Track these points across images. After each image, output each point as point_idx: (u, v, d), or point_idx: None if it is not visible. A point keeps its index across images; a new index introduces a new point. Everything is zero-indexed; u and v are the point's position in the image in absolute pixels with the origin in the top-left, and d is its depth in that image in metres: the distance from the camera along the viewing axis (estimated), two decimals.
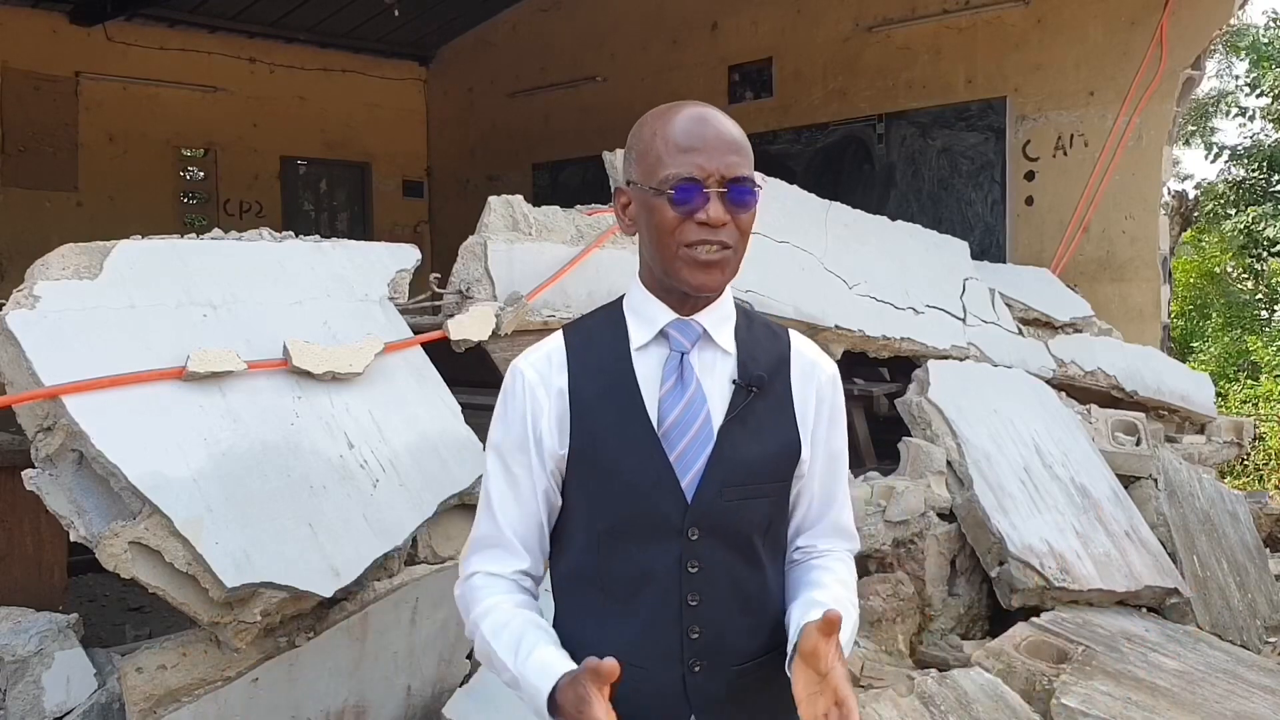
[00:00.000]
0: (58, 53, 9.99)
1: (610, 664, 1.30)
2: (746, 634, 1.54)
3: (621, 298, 1.60)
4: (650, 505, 1.50)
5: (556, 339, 1.58)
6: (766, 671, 1.56)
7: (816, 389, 1.60)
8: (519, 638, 1.47)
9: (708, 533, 1.50)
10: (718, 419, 1.52)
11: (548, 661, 1.43)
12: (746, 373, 1.54)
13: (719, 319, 1.55)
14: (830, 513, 1.65)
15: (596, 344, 1.56)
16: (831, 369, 1.64)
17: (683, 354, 1.53)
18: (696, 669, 1.51)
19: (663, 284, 1.53)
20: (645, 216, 1.50)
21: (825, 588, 1.56)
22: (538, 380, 1.54)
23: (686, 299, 1.52)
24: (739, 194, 1.46)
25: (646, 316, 1.54)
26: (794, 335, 1.64)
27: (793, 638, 1.48)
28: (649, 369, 1.53)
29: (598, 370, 1.54)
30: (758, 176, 1.51)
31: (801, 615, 1.49)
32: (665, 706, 1.50)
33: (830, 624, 1.36)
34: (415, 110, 12.62)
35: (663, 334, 1.53)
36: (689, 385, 1.52)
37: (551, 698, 1.39)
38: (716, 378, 1.54)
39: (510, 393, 1.55)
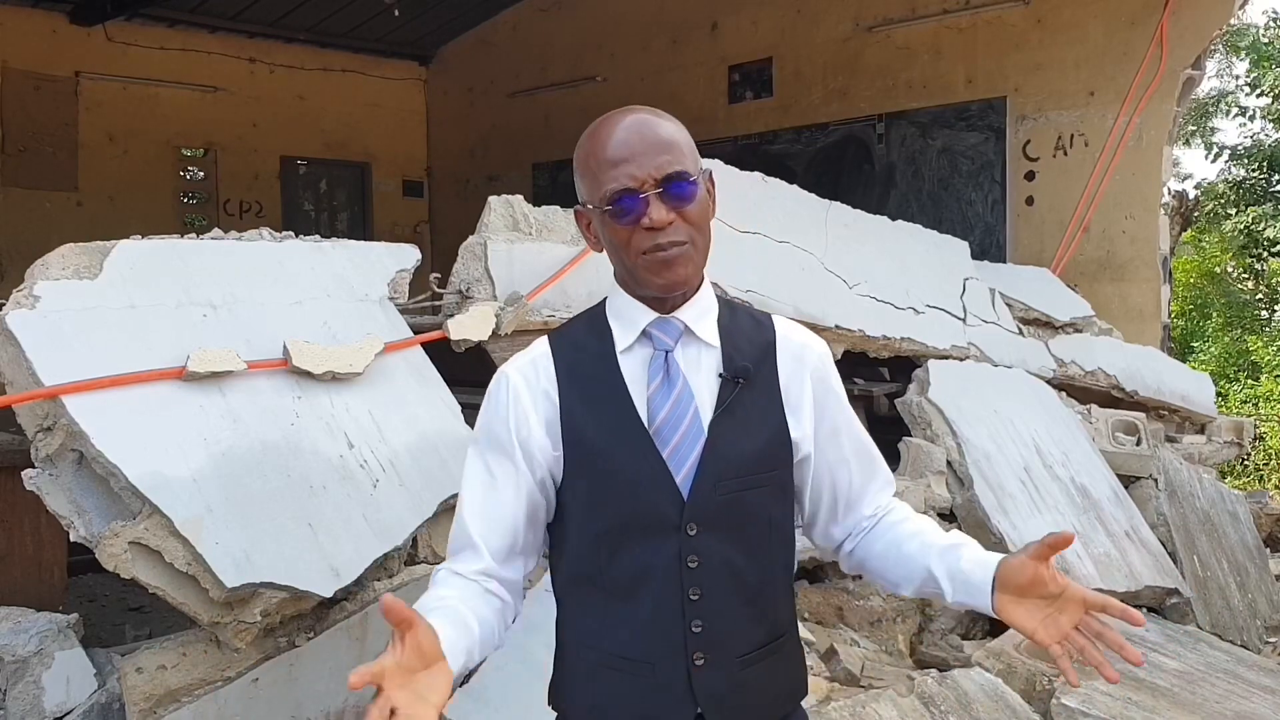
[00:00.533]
0: (58, 53, 9.99)
1: (391, 603, 1.23)
2: (749, 625, 1.55)
3: (603, 302, 1.62)
4: (647, 503, 1.51)
5: (542, 345, 1.60)
6: (770, 661, 1.57)
7: (811, 371, 1.61)
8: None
9: (706, 527, 1.51)
10: (707, 414, 1.53)
11: None
12: (732, 364, 1.55)
13: (699, 313, 1.56)
14: (877, 470, 1.71)
15: (582, 349, 1.58)
16: (821, 347, 1.66)
17: (667, 352, 1.54)
18: (700, 662, 1.51)
19: (636, 291, 1.55)
20: (602, 233, 1.54)
21: (937, 533, 1.62)
22: (523, 385, 1.55)
23: (664, 299, 1.54)
24: (676, 190, 1.48)
25: (628, 319, 1.56)
26: (779, 320, 1.65)
27: (951, 585, 1.54)
28: (635, 369, 1.54)
29: (585, 374, 1.55)
30: (713, 164, 1.53)
31: (948, 562, 1.55)
32: (671, 702, 1.51)
33: (1058, 544, 1.42)
34: (415, 110, 12.62)
35: (645, 334, 1.55)
36: (675, 382, 1.53)
37: None
38: (703, 372, 1.55)
39: (494, 397, 1.57)
